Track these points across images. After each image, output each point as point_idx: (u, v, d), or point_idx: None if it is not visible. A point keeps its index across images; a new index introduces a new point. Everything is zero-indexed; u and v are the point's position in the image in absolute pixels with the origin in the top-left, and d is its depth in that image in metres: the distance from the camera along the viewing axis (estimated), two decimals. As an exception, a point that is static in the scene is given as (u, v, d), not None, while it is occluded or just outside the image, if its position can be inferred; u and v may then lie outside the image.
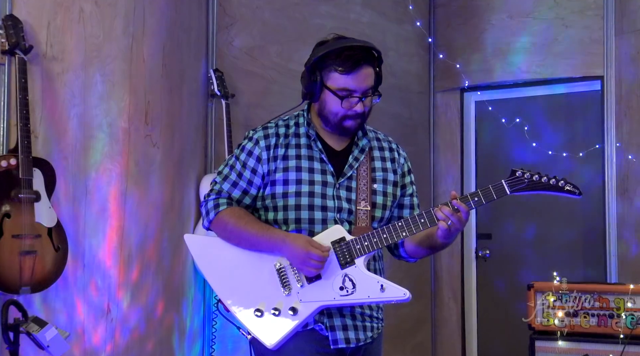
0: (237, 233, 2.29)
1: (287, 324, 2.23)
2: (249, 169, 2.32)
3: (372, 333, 2.35)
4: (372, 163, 2.39)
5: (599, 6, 4.55)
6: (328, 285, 2.22)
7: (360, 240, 2.23)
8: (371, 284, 2.22)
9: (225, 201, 2.32)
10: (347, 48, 2.26)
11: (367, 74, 2.28)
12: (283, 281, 2.24)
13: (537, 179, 2.17)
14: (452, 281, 5.28)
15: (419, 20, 5.07)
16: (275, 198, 2.29)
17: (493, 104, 5.10)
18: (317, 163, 2.32)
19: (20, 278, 2.72)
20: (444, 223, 2.17)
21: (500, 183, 2.18)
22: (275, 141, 2.33)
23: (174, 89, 3.48)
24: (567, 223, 4.91)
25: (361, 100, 2.28)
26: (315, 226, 2.27)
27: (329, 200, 2.29)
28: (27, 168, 2.74)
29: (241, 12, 3.98)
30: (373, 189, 2.34)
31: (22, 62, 2.79)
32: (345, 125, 2.31)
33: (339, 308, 2.27)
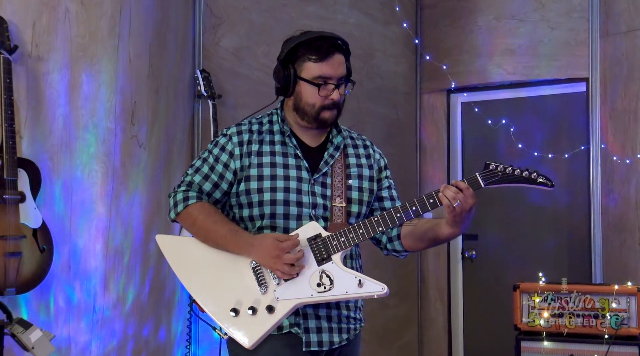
0: (204, 231, 2.27)
1: (264, 323, 2.19)
2: (222, 164, 2.31)
3: (347, 334, 2.33)
4: (347, 160, 2.39)
5: (584, 8, 4.58)
6: (305, 282, 2.20)
7: (336, 236, 2.21)
8: (349, 280, 2.19)
9: (195, 194, 2.29)
10: (317, 38, 2.29)
11: (340, 61, 2.31)
12: (259, 280, 2.22)
13: (511, 172, 2.17)
14: (438, 282, 5.30)
15: (405, 22, 5.08)
16: (250, 194, 2.28)
17: (479, 105, 5.12)
18: (291, 159, 2.31)
19: (5, 280, 2.71)
20: (446, 200, 2.13)
21: (475, 176, 2.18)
22: (249, 137, 2.32)
23: (160, 90, 3.47)
24: (553, 224, 4.94)
25: (337, 88, 2.29)
26: (290, 222, 2.26)
27: (304, 195, 2.28)
28: (12, 168, 2.72)
29: (228, 12, 3.98)
30: (348, 185, 2.34)
31: (7, 62, 2.77)
32: (322, 117, 2.31)
33: (315, 310, 2.26)
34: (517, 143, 4.91)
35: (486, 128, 5.05)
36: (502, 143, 5.01)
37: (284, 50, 2.32)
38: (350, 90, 2.36)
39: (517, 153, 4.92)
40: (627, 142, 4.33)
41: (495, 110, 5.07)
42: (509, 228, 5.10)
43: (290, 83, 2.30)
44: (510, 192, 4.97)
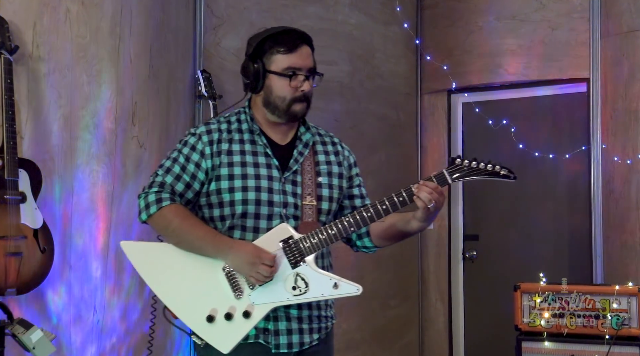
0: (180, 234, 2.23)
1: (241, 329, 2.18)
2: (193, 163, 2.27)
3: (319, 334, 2.32)
4: (316, 157, 2.39)
5: (584, 8, 4.58)
6: (280, 285, 2.19)
7: (309, 238, 2.21)
8: (324, 282, 2.20)
9: (168, 196, 2.25)
10: (283, 31, 2.31)
11: (308, 53, 2.32)
12: (233, 285, 2.20)
13: (475, 166, 2.20)
14: (439, 282, 5.30)
15: (406, 22, 5.09)
16: (221, 194, 2.26)
17: (480, 106, 5.12)
18: (261, 157, 2.30)
19: (6, 280, 2.71)
20: (422, 202, 2.16)
21: (442, 172, 2.20)
22: (219, 136, 2.30)
23: (161, 90, 3.47)
24: (554, 225, 4.93)
25: (307, 79, 2.29)
26: (261, 221, 2.25)
27: (275, 194, 2.26)
28: (12, 169, 2.72)
29: (228, 13, 3.98)
30: (318, 182, 2.34)
31: (8, 62, 2.77)
32: (293, 110, 2.30)
33: (286, 311, 2.25)
34: (518, 143, 4.91)
35: (487, 129, 5.05)
36: (503, 144, 5.01)
37: (251, 45, 2.32)
38: (317, 84, 2.35)
39: (517, 153, 4.92)
40: (627, 142, 4.33)
41: (496, 110, 5.07)
42: (509, 228, 5.10)
43: (259, 78, 2.30)
44: (512, 192, 4.99)
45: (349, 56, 4.70)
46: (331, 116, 4.60)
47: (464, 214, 5.28)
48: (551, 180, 4.93)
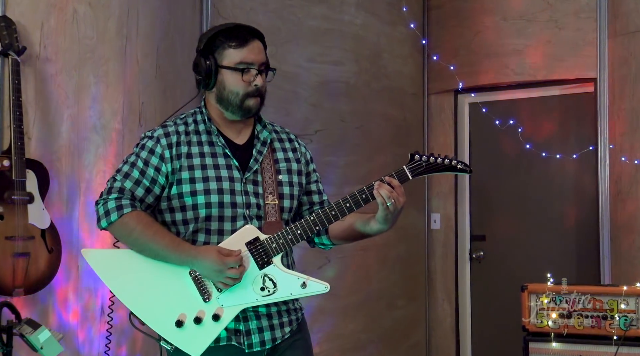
0: (142, 243, 2.20)
1: (211, 332, 2.18)
2: (152, 167, 2.23)
3: (290, 327, 2.33)
4: (275, 155, 2.38)
5: (591, 8, 4.57)
6: (248, 287, 2.20)
7: (275, 239, 2.21)
8: (292, 282, 2.22)
9: (128, 202, 2.20)
10: (234, 27, 2.30)
11: (260, 47, 2.30)
12: (201, 289, 2.20)
13: (434, 161, 2.24)
14: (446, 282, 5.29)
15: (412, 22, 5.08)
16: (183, 198, 2.23)
17: (487, 106, 5.11)
18: (221, 158, 2.28)
19: (14, 280, 2.72)
20: (381, 199, 2.17)
21: (402, 169, 2.23)
22: (177, 139, 2.27)
23: (167, 90, 3.47)
24: (561, 225, 4.92)
25: (260, 74, 2.27)
26: (225, 223, 2.23)
27: (238, 195, 2.25)
28: (20, 169, 2.73)
29: (235, 13, 3.98)
30: (279, 180, 2.33)
31: (16, 63, 2.78)
32: (247, 105, 2.28)
33: (254, 310, 2.25)
34: (525, 143, 4.90)
35: (494, 129, 5.04)
36: (509, 144, 5.00)
37: (202, 41, 2.30)
38: (271, 79, 2.34)
39: (525, 153, 4.91)
40: (635, 142, 4.32)
41: (503, 110, 5.06)
42: (516, 228, 5.09)
43: (211, 73, 2.28)
44: (519, 192, 4.98)
45: (355, 56, 4.70)
46: (337, 116, 4.59)
47: (470, 214, 5.27)
48: (558, 181, 4.92)
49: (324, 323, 4.30)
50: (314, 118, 4.40)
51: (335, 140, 4.55)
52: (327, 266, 4.33)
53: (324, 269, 4.28)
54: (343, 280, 4.52)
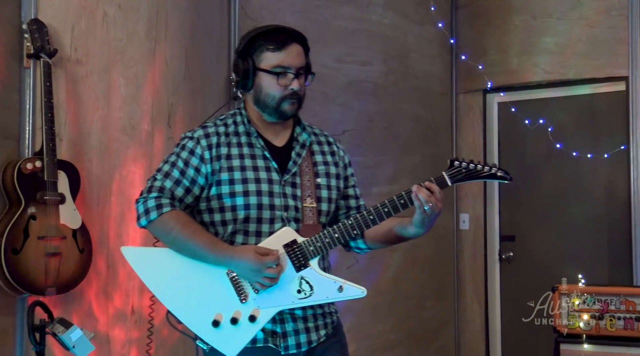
0: (181, 241, 2.21)
1: (247, 333, 2.18)
2: (192, 168, 2.25)
3: (325, 330, 2.32)
4: (313, 158, 2.37)
5: (623, 6, 4.50)
6: (285, 289, 2.19)
7: (313, 242, 2.20)
8: (329, 285, 2.21)
9: (168, 201, 2.22)
10: (274, 29, 2.29)
11: (299, 51, 2.28)
12: (238, 290, 2.20)
13: (473, 168, 2.23)
14: (475, 283, 5.25)
15: (441, 22, 5.05)
16: (222, 199, 2.24)
17: (516, 105, 5.06)
18: (260, 160, 2.28)
19: (46, 280, 2.75)
20: (419, 202, 2.17)
21: (441, 175, 2.23)
22: (217, 140, 2.27)
23: (196, 91, 3.49)
24: (592, 225, 4.86)
25: (296, 77, 2.26)
26: (263, 225, 2.23)
27: (276, 198, 2.25)
28: (52, 170, 2.77)
29: (262, 14, 3.99)
30: (317, 183, 2.32)
31: (47, 65, 2.82)
32: (283, 108, 2.27)
33: (291, 312, 2.25)
34: (555, 143, 4.85)
35: (523, 129, 5.00)
36: (539, 144, 4.95)
37: (242, 42, 2.30)
38: (310, 82, 2.33)
39: (555, 153, 4.85)
40: (668, 141, 4.26)
41: (533, 110, 5.01)
42: (547, 229, 5.03)
43: (249, 75, 2.28)
44: (549, 192, 4.92)
45: (383, 56, 4.68)
46: (365, 116, 4.59)
47: (500, 215, 5.23)
48: (589, 180, 4.86)
49: (353, 323, 4.29)
50: (342, 118, 4.40)
51: (363, 140, 4.54)
52: (355, 266, 4.32)
53: (352, 269, 4.27)
54: (371, 280, 4.51)
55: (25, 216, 2.73)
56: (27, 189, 2.73)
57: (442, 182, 2.22)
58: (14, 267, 2.69)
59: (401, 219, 2.30)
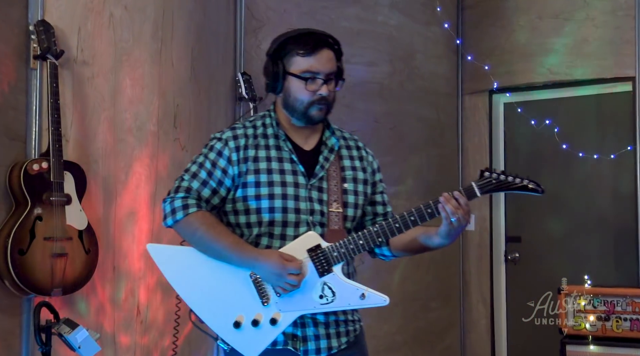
0: (206, 242, 2.22)
1: (267, 336, 2.19)
2: (220, 169, 2.25)
3: (347, 337, 2.30)
4: (341, 163, 2.35)
5: (630, 6, 4.49)
6: (307, 293, 2.18)
7: (337, 247, 2.19)
8: (351, 292, 2.19)
9: (194, 202, 2.23)
10: (306, 33, 2.28)
11: (329, 56, 2.27)
12: (260, 292, 2.20)
13: (504, 179, 2.19)
14: (481, 284, 5.24)
15: (447, 22, 5.05)
16: (247, 201, 2.24)
17: (522, 106, 5.05)
18: (287, 164, 2.27)
19: (52, 280, 2.76)
20: (446, 214, 2.14)
21: (471, 185, 2.18)
22: (245, 142, 2.28)
23: (202, 92, 3.50)
24: (598, 226, 4.84)
25: (325, 83, 2.25)
26: (288, 229, 2.23)
27: (302, 202, 2.24)
28: (58, 171, 2.78)
29: (268, 15, 4.00)
30: (344, 188, 2.31)
31: (54, 66, 2.82)
32: (311, 114, 2.27)
33: (313, 317, 2.24)
34: (562, 144, 4.84)
35: (529, 129, 4.99)
36: (545, 144, 4.94)
37: (272, 45, 2.31)
38: (340, 87, 2.32)
39: (561, 154, 4.84)
40: (675, 142, 4.24)
41: (539, 110, 5.00)
42: (552, 230, 5.02)
43: (279, 78, 2.28)
44: (555, 193, 4.91)
45: (389, 57, 4.68)
46: (371, 117, 4.58)
47: (505, 215, 5.22)
48: (596, 181, 4.85)
49: (358, 324, 4.29)
50: (347, 119, 4.40)
51: (368, 141, 4.49)
52: (361, 267, 4.31)
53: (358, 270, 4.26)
54: (377, 281, 4.51)
55: (32, 217, 2.74)
56: (33, 190, 2.74)
57: (471, 193, 2.18)
58: (20, 267, 2.69)
59: (426, 228, 2.28)
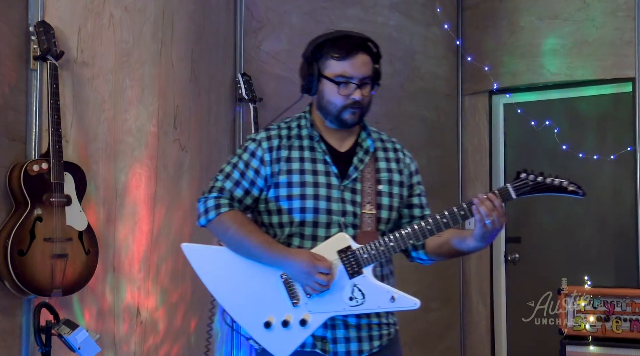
0: (237, 241, 2.24)
1: (297, 336, 2.18)
2: (252, 170, 2.27)
3: (380, 341, 2.28)
4: (377, 164, 2.33)
5: (629, 7, 4.49)
6: (337, 295, 2.17)
7: (367, 249, 2.17)
8: (381, 294, 2.17)
9: (227, 202, 2.26)
10: (343, 36, 2.27)
11: (364, 61, 2.26)
12: (291, 293, 2.20)
13: (542, 181, 2.13)
14: (481, 285, 5.25)
15: (446, 23, 5.05)
16: (279, 201, 2.25)
17: (522, 107, 5.06)
18: (320, 165, 2.27)
19: (52, 281, 2.76)
20: (480, 216, 2.11)
21: (506, 187, 2.14)
22: (278, 143, 2.29)
23: (202, 93, 3.50)
24: (599, 227, 4.85)
25: (359, 88, 2.24)
26: (319, 229, 2.23)
27: (334, 203, 2.23)
28: (58, 172, 2.77)
29: (268, 16, 4.00)
30: (378, 190, 2.29)
31: (54, 67, 2.82)
32: (344, 117, 2.26)
33: (344, 318, 2.23)
34: (561, 144, 4.84)
35: (529, 130, 4.99)
36: (545, 145, 4.94)
37: (309, 47, 2.31)
38: (375, 91, 2.32)
39: (561, 154, 4.84)
40: (675, 142, 4.24)
41: (539, 111, 5.00)
42: (553, 230, 5.02)
43: (313, 80, 2.29)
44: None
45: (389, 58, 4.68)
46: (371, 118, 4.53)
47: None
48: (596, 182, 4.85)
49: (358, 325, 4.29)
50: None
51: (368, 141, 4.53)
52: (360, 268, 4.32)
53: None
54: (377, 282, 4.51)
55: (32, 218, 2.74)
56: (33, 191, 2.74)
57: (506, 195, 2.13)
58: (20, 268, 2.69)
59: (460, 231, 2.26)
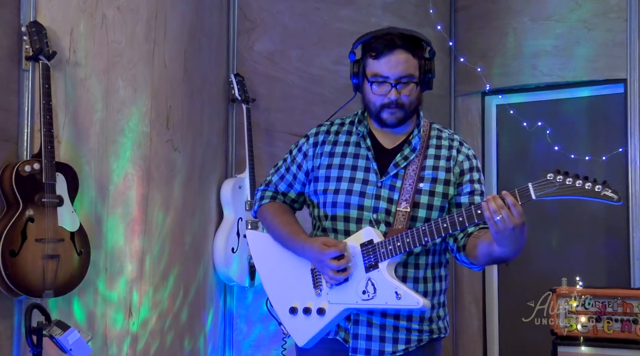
0: (271, 230, 2.36)
1: (315, 325, 2.23)
2: (296, 164, 2.37)
3: (406, 345, 2.24)
4: (424, 162, 2.26)
5: (622, 8, 4.51)
6: (352, 288, 2.19)
7: (385, 244, 2.14)
8: (389, 290, 2.15)
9: (270, 194, 2.40)
10: (382, 34, 2.23)
11: (401, 59, 2.19)
12: (315, 282, 2.25)
13: (570, 183, 1.93)
14: (473, 285, 5.25)
15: (439, 24, 5.06)
16: (317, 195, 2.30)
17: (514, 108, 5.06)
18: (362, 160, 2.28)
19: (44, 282, 2.75)
20: (487, 213, 1.96)
21: (527, 186, 1.98)
22: (324, 138, 2.34)
23: (195, 94, 3.50)
24: (590, 228, 4.86)
25: (395, 87, 2.19)
26: (350, 224, 2.24)
27: (367, 198, 2.23)
28: (50, 173, 2.77)
29: (262, 16, 4.00)
30: (419, 188, 2.23)
31: (46, 68, 2.82)
32: (383, 117, 2.24)
33: (369, 316, 2.23)
34: (554, 145, 4.85)
35: (522, 131, 5.00)
36: (538, 146, 4.95)
37: (353, 45, 2.31)
38: (425, 89, 2.29)
39: (553, 155, 4.85)
40: (666, 144, 4.26)
41: (531, 112, 5.01)
42: (545, 231, 5.03)
43: (357, 79, 2.31)
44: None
45: (382, 58, 4.68)
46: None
47: (498, 217, 5.22)
48: (587, 183, 4.86)
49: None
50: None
51: (361, 142, 4.53)
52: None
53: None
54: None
55: (23, 218, 2.73)
56: (25, 191, 2.73)
57: (525, 193, 1.97)
58: (12, 269, 2.68)
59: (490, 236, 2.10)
